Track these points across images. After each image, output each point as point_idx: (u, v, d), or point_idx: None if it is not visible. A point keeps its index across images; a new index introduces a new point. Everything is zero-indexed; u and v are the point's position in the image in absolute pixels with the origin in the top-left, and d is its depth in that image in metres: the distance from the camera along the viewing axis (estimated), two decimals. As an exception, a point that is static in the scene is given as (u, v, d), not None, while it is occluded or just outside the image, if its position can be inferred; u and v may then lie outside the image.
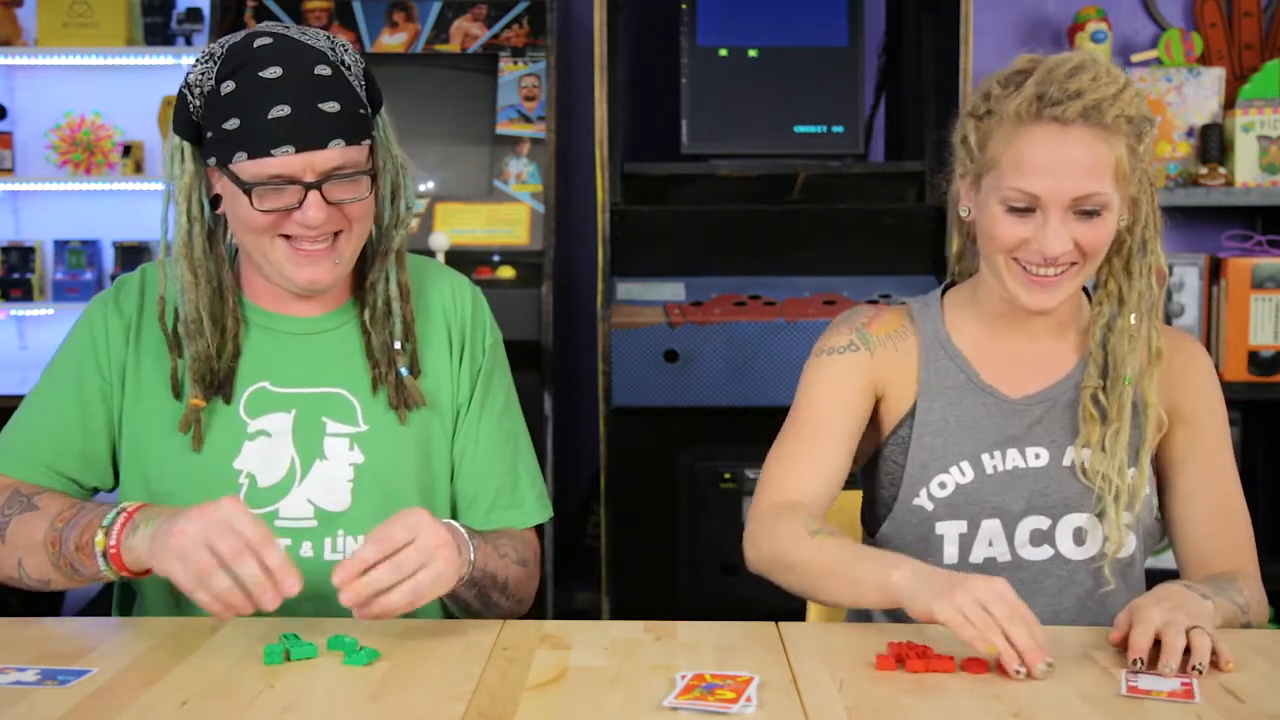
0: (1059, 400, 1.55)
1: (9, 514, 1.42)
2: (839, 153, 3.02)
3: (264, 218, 1.42)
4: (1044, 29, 3.38)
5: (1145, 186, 1.51)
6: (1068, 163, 1.42)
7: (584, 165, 3.20)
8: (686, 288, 2.93)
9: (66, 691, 1.16)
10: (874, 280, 2.89)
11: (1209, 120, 3.19)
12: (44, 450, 1.49)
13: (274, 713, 1.11)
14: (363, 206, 1.46)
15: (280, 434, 1.50)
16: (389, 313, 1.53)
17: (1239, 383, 3.05)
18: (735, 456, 2.80)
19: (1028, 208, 1.45)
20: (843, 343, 1.58)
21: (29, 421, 1.52)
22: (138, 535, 1.30)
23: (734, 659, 1.26)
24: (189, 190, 1.47)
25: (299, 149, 1.39)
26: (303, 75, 1.41)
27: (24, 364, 3.87)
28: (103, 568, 1.32)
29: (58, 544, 1.36)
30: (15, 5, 3.66)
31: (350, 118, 1.43)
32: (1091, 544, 1.53)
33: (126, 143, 3.77)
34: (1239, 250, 3.16)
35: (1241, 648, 1.29)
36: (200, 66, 1.43)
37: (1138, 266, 1.52)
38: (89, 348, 1.52)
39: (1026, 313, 1.52)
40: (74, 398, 1.51)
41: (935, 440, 1.55)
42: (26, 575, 1.40)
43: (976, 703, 1.14)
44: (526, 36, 3.20)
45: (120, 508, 1.34)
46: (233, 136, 1.40)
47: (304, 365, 1.53)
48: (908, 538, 1.56)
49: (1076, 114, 1.42)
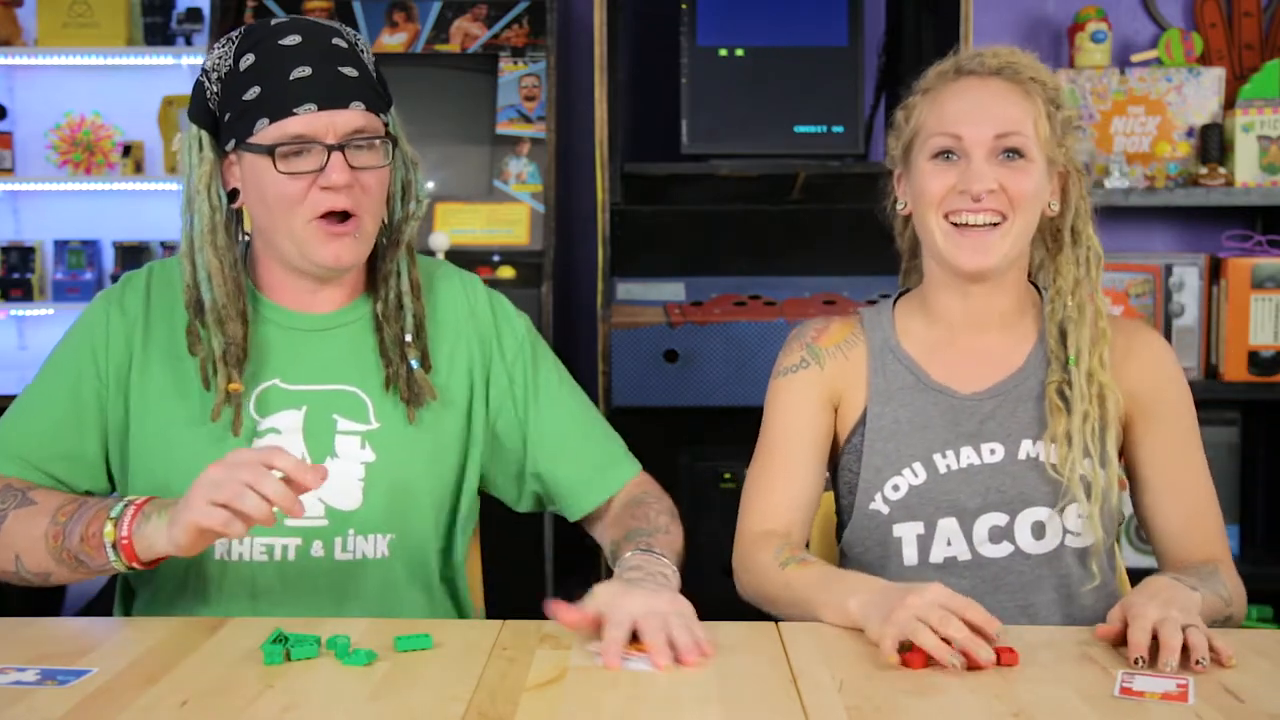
0: (1011, 394, 1.56)
1: (3, 508, 1.42)
2: (839, 153, 3.02)
3: (290, 185, 1.42)
4: (1044, 29, 3.38)
5: (1073, 173, 1.57)
6: (988, 104, 1.52)
7: (584, 165, 3.20)
8: (686, 288, 2.93)
9: (66, 691, 1.16)
10: (874, 280, 2.89)
11: (1209, 120, 3.19)
12: (34, 449, 1.49)
13: (274, 713, 1.11)
14: (381, 178, 1.48)
15: (291, 431, 1.50)
16: (400, 306, 1.54)
17: (1239, 383, 3.04)
18: (735, 456, 2.78)
19: (953, 153, 1.52)
20: (794, 361, 1.62)
21: (21, 419, 1.52)
22: (150, 523, 1.32)
23: (734, 659, 1.26)
24: (208, 179, 1.48)
25: (321, 107, 1.41)
26: (322, 43, 1.45)
27: (24, 364, 3.87)
28: (111, 559, 1.33)
29: (60, 537, 1.37)
30: (15, 5, 3.66)
31: (368, 87, 1.46)
32: (1051, 537, 1.53)
33: (126, 143, 3.77)
34: (1239, 250, 3.16)
35: (1241, 648, 1.29)
36: (218, 51, 1.46)
37: (1073, 254, 1.57)
38: (88, 349, 1.52)
39: (964, 283, 1.54)
40: (69, 398, 1.51)
41: (888, 444, 1.56)
42: (24, 569, 1.40)
43: (976, 702, 1.14)
44: (526, 36, 3.20)
45: (127, 500, 1.35)
46: (253, 106, 1.42)
47: (316, 362, 1.53)
48: (867, 542, 1.57)
49: (992, 69, 1.53)
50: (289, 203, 1.44)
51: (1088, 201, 1.58)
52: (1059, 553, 1.53)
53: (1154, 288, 3.11)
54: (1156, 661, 1.22)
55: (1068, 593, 1.54)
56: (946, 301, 1.58)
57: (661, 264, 2.98)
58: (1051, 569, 1.53)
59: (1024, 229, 1.52)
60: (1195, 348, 3.09)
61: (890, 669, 1.23)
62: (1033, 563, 1.53)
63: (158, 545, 1.32)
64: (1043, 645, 1.30)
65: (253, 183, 1.46)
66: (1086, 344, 1.53)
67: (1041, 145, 1.51)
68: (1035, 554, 1.53)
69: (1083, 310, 1.55)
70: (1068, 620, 1.52)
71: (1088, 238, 1.57)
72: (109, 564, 1.34)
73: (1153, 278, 3.11)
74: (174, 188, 3.73)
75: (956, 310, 1.58)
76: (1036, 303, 1.61)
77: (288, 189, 1.43)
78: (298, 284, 1.53)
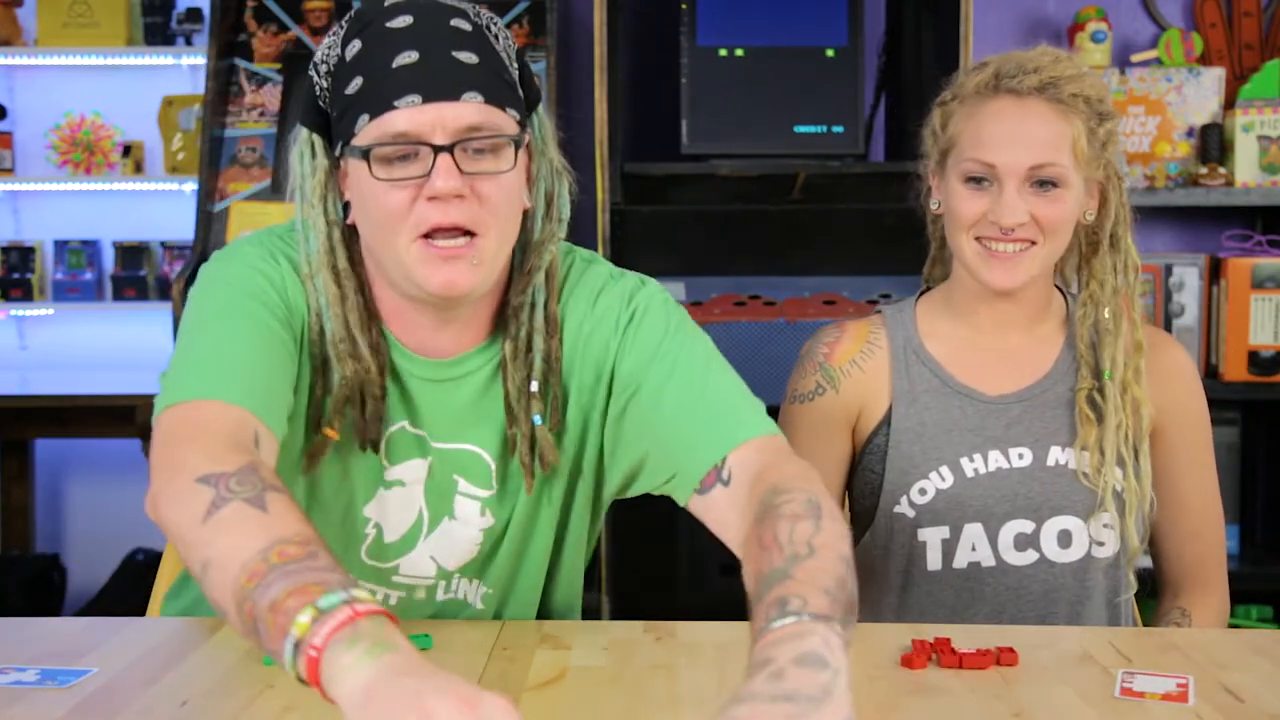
0: (1038, 399, 1.54)
1: (235, 493, 1.02)
2: (839, 153, 3.02)
3: (391, 196, 1.19)
4: (1044, 29, 3.38)
5: (1113, 179, 1.53)
6: (1023, 133, 1.45)
7: (584, 165, 3.19)
8: (686, 288, 2.93)
9: (66, 691, 1.15)
10: (874, 280, 2.89)
11: (1209, 120, 3.19)
12: (275, 387, 1.20)
13: (274, 713, 1.11)
14: (505, 187, 1.22)
15: (414, 484, 1.32)
16: (529, 348, 1.29)
17: (1239, 383, 3.04)
18: (735, 456, 2.80)
19: (985, 179, 1.47)
20: (809, 387, 1.58)
21: (239, 350, 1.20)
22: (354, 653, 0.88)
23: (734, 659, 1.26)
24: (323, 189, 1.26)
25: (427, 99, 1.17)
26: (437, 24, 1.21)
27: (24, 364, 3.87)
28: (287, 656, 0.91)
29: (256, 580, 0.95)
30: (15, 5, 3.67)
31: (491, 75, 1.21)
32: (1078, 547, 1.51)
33: (126, 143, 3.77)
34: (1239, 250, 3.16)
35: (1241, 648, 1.29)
36: (328, 40, 1.25)
37: (1110, 262, 1.53)
38: (269, 294, 1.25)
39: (992, 294, 1.52)
40: (275, 337, 1.23)
41: (913, 446, 1.54)
42: (208, 587, 1.01)
43: (976, 703, 1.14)
44: (526, 36, 3.20)
45: (350, 595, 0.92)
46: (356, 101, 1.20)
47: (439, 415, 1.31)
48: (890, 546, 1.55)
49: (1032, 87, 1.46)
50: (391, 218, 1.20)
51: (1127, 208, 1.54)
52: (1084, 563, 1.51)
53: (1154, 288, 3.11)
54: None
55: (1090, 604, 1.53)
56: (974, 305, 1.56)
57: (661, 264, 2.97)
58: (1076, 578, 1.52)
59: (1054, 250, 1.50)
60: (1195, 348, 3.09)
61: (890, 669, 1.23)
62: (1057, 571, 1.52)
63: (334, 686, 0.89)
64: (1043, 645, 1.30)
65: (356, 193, 1.23)
66: (1122, 355, 1.51)
67: (1080, 166, 1.47)
68: (1061, 563, 1.52)
69: (1118, 319, 1.52)
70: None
71: (1127, 245, 1.53)
72: (282, 659, 0.92)
73: (1153, 278, 3.11)
74: (174, 187, 3.73)
75: (984, 314, 1.56)
76: (1061, 304, 1.59)
77: (388, 201, 1.19)
78: (417, 318, 1.28)
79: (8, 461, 3.77)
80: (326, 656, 0.89)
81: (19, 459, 3.78)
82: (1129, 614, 1.57)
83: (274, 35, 3.23)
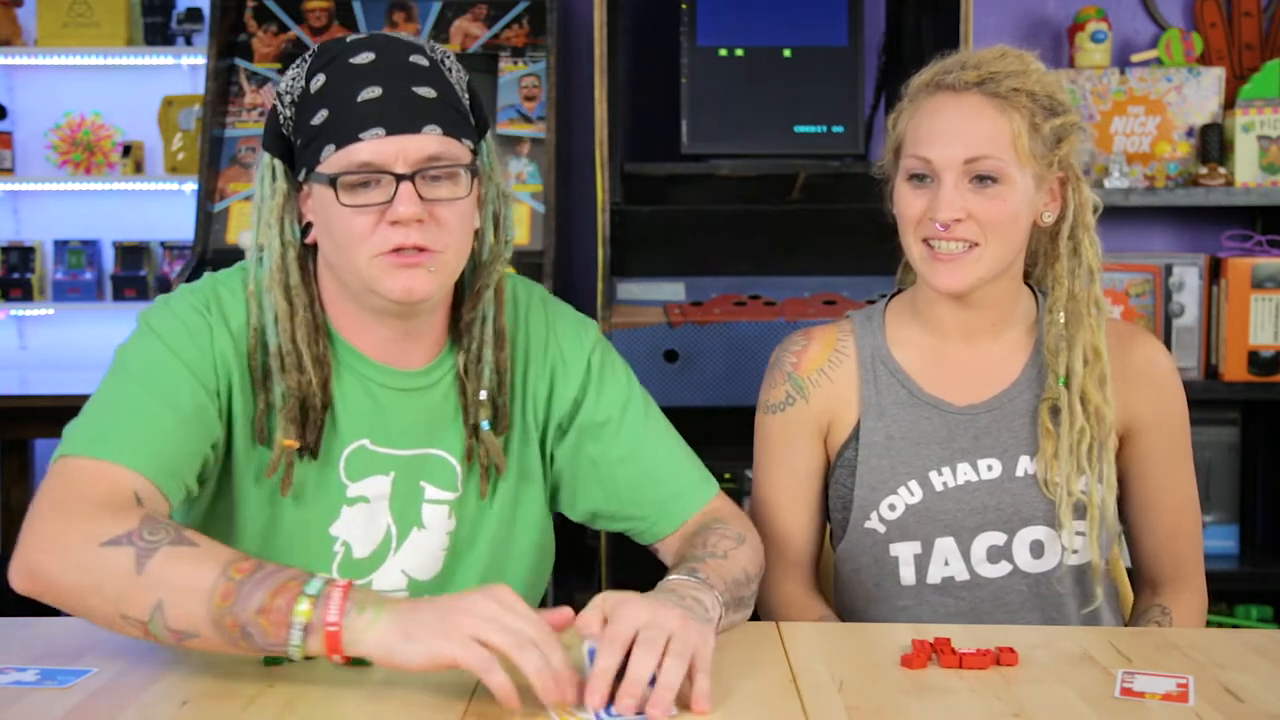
0: (1007, 408, 1.52)
1: (153, 541, 1.16)
2: (839, 153, 3.02)
3: (356, 220, 1.27)
4: (1044, 29, 3.38)
5: (1072, 179, 1.49)
6: (958, 126, 1.44)
7: (584, 165, 3.19)
8: (686, 288, 2.93)
9: (66, 691, 1.15)
10: (874, 280, 2.89)
11: (1209, 120, 3.19)
12: (169, 449, 1.26)
13: (274, 713, 1.11)
14: (460, 212, 1.31)
15: (379, 499, 1.38)
16: (479, 360, 1.39)
17: (1239, 383, 3.04)
18: (735, 456, 2.78)
19: (926, 176, 1.46)
20: (779, 397, 1.58)
21: (136, 408, 1.28)
22: (365, 618, 1.11)
23: (734, 659, 1.26)
24: (280, 212, 1.34)
25: (390, 131, 1.26)
26: (398, 60, 1.30)
27: (24, 364, 3.87)
28: (295, 642, 1.11)
29: (232, 597, 1.12)
30: (15, 5, 3.67)
31: (448, 108, 1.31)
32: (1050, 556, 1.50)
33: (126, 143, 3.77)
34: (1239, 250, 3.16)
35: (1242, 648, 1.29)
36: (292, 72, 1.34)
37: (1069, 265, 1.50)
38: (190, 353, 1.32)
39: (943, 298, 1.50)
40: (186, 399, 1.30)
41: (881, 461, 1.52)
42: (162, 622, 1.14)
43: (976, 703, 1.14)
44: (526, 36, 3.20)
45: (323, 577, 1.14)
46: (321, 132, 1.28)
47: (403, 424, 1.38)
48: (863, 559, 1.55)
49: (969, 82, 1.45)
50: (355, 239, 1.28)
51: (1088, 208, 1.50)
52: (1057, 572, 1.50)
53: (1154, 288, 3.11)
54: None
55: (1066, 612, 1.52)
56: (937, 311, 1.54)
57: (661, 264, 2.98)
58: (1050, 588, 1.51)
59: (1001, 251, 1.46)
60: (1195, 348, 3.09)
61: (890, 669, 1.23)
62: (1031, 581, 1.51)
63: (367, 647, 1.11)
64: (1043, 645, 1.30)
65: (320, 215, 1.31)
66: (1080, 364, 1.47)
67: (1024, 162, 1.43)
68: (1034, 573, 1.51)
69: (1077, 325, 1.48)
70: None
71: (1084, 248, 1.49)
72: (287, 646, 1.11)
73: (1153, 278, 3.11)
74: (174, 188, 3.73)
75: (947, 320, 1.53)
76: (1033, 307, 1.56)
77: (353, 224, 1.27)
78: (377, 331, 1.36)
79: (8, 461, 3.76)
80: (345, 624, 1.10)
81: (19, 459, 3.77)
82: (1109, 621, 1.56)
83: (274, 35, 3.23)
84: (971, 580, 1.51)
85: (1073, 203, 1.50)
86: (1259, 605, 3.10)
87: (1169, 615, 1.53)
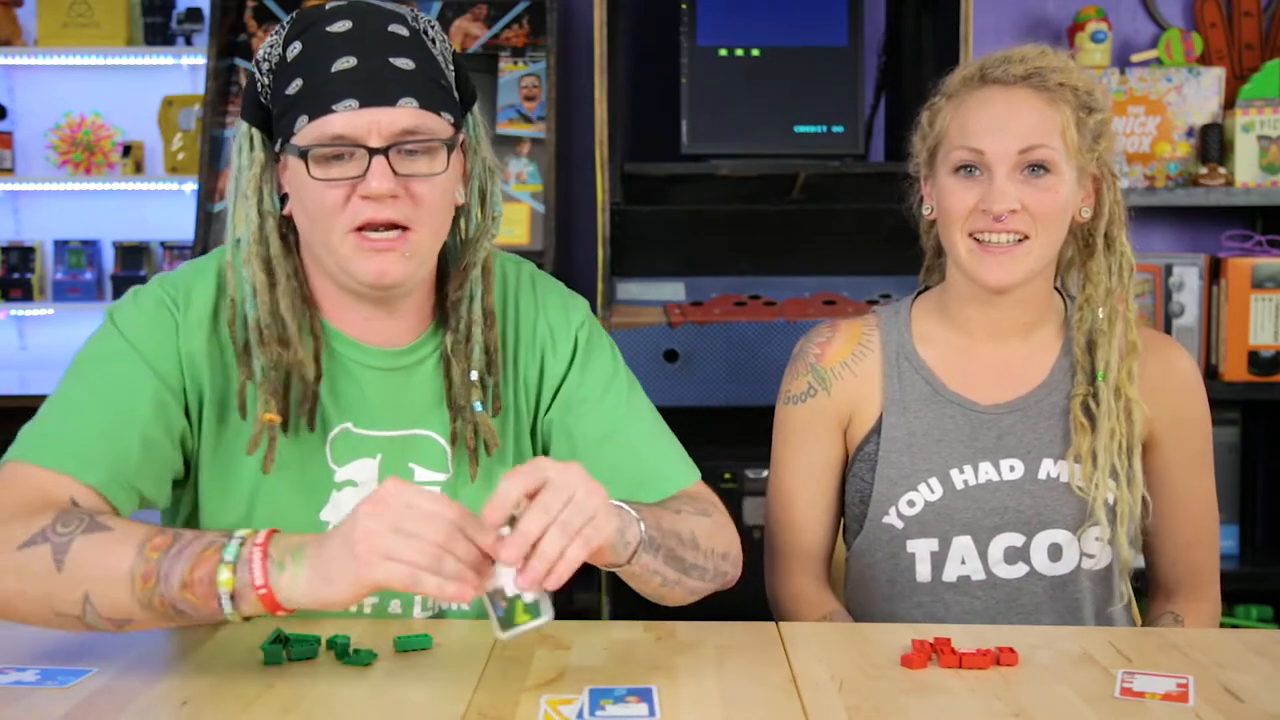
0: (1033, 409, 1.52)
1: (66, 534, 1.14)
2: (839, 153, 3.02)
3: (328, 194, 1.24)
4: (1044, 29, 3.38)
5: (1107, 176, 1.51)
6: (1011, 117, 1.45)
7: (584, 165, 3.20)
8: (686, 288, 2.93)
9: (66, 691, 1.15)
10: (874, 280, 2.89)
11: (1209, 120, 3.19)
12: (114, 453, 1.25)
13: (274, 713, 1.11)
14: (437, 188, 1.28)
15: (367, 484, 1.35)
16: (468, 339, 1.36)
17: (1239, 383, 3.04)
18: (735, 456, 2.80)
19: (975, 167, 1.46)
20: (801, 388, 1.58)
21: (86, 414, 1.26)
22: (286, 573, 1.10)
23: (734, 659, 1.26)
24: (258, 182, 1.31)
25: (364, 104, 1.23)
26: (376, 29, 1.26)
27: (24, 364, 3.87)
28: (227, 610, 1.12)
29: (153, 579, 1.12)
30: (15, 5, 3.67)
31: (427, 80, 1.27)
32: (1068, 560, 1.51)
33: (126, 143, 3.77)
34: (1239, 250, 3.16)
35: (1242, 648, 1.29)
36: (270, 39, 1.31)
37: (1105, 263, 1.52)
38: (151, 348, 1.31)
39: (986, 296, 1.50)
40: (144, 398, 1.29)
41: (902, 456, 1.53)
42: (95, 613, 1.14)
43: (976, 703, 1.14)
44: (526, 36, 3.20)
45: (239, 537, 1.13)
46: (295, 102, 1.25)
47: (388, 405, 1.36)
48: (878, 555, 1.55)
49: (1018, 75, 1.46)
50: (327, 213, 1.25)
51: (1122, 206, 1.52)
52: (1075, 575, 1.51)
53: (1154, 288, 3.11)
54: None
55: (1082, 615, 1.52)
56: (968, 310, 1.54)
57: (661, 264, 2.98)
58: (1066, 591, 1.51)
59: (1049, 244, 1.47)
60: (1195, 348, 3.09)
61: (890, 669, 1.23)
62: (1047, 584, 1.51)
63: (299, 603, 1.10)
64: (1043, 645, 1.30)
65: (294, 188, 1.28)
66: (1116, 357, 1.49)
67: (1071, 155, 1.45)
68: (1050, 575, 1.51)
69: (1113, 321, 1.50)
70: None
71: (1121, 245, 1.51)
72: (219, 614, 1.12)
73: (1153, 278, 3.11)
74: (174, 187, 3.73)
75: (977, 319, 1.54)
76: (1060, 309, 1.57)
77: (324, 198, 1.25)
78: (357, 307, 1.34)
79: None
80: (272, 585, 1.10)
81: (19, 459, 3.77)
82: (1123, 623, 1.57)
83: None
84: (988, 580, 1.51)
85: (1108, 199, 1.52)
86: (1259, 605, 3.10)
87: (1181, 622, 1.53)
